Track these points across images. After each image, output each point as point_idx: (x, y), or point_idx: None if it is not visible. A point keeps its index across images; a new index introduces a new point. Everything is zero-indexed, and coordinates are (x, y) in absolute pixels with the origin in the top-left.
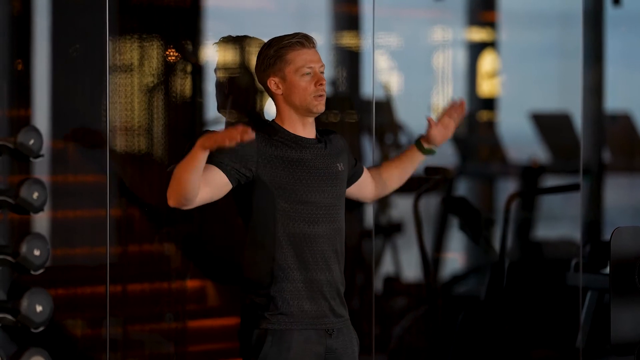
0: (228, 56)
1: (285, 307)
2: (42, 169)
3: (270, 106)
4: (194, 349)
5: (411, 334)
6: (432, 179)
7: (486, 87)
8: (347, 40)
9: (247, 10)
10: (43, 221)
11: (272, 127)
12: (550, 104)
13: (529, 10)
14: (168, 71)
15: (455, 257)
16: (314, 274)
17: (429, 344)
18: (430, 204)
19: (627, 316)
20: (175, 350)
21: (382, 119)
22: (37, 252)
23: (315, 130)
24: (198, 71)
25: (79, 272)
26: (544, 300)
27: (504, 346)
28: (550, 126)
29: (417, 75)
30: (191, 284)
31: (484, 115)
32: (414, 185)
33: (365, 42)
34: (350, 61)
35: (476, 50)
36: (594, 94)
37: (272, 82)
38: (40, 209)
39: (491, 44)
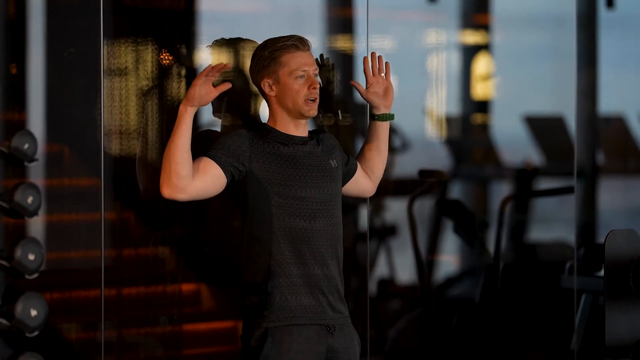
0: (222, 59)
1: (283, 302)
2: (36, 173)
3: (265, 109)
4: (188, 353)
5: (406, 337)
6: (427, 182)
7: (480, 90)
8: (341, 43)
9: (241, 13)
10: (38, 225)
11: (265, 129)
12: (544, 106)
13: (523, 13)
14: (162, 74)
15: (450, 259)
16: (311, 269)
17: (423, 346)
18: (425, 206)
19: (621, 319)
20: (170, 353)
21: None
22: (31, 257)
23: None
24: (192, 74)
25: (73, 276)
26: (538, 302)
27: (498, 349)
28: (544, 129)
29: (411, 78)
30: (186, 287)
31: (478, 118)
32: (408, 188)
33: (359, 45)
34: (345, 64)
35: (470, 53)
36: (587, 97)
37: (266, 83)
38: (35, 213)
39: (485, 47)
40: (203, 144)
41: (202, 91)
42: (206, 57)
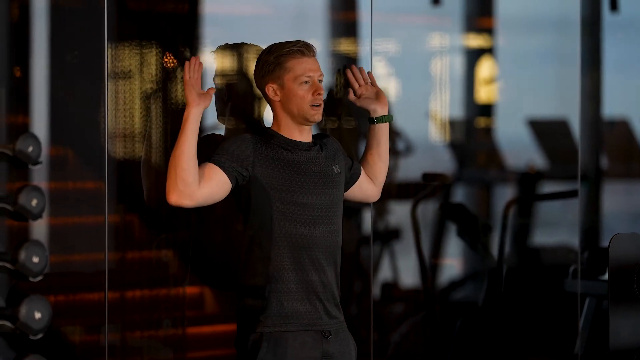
0: (226, 63)
1: (279, 308)
2: (40, 176)
3: (269, 113)
4: (192, 356)
5: (409, 340)
6: (430, 186)
7: (484, 93)
8: (345, 46)
9: (244, 16)
10: (42, 228)
11: (269, 133)
12: (548, 110)
13: (527, 17)
14: (166, 77)
15: (453, 263)
16: (309, 275)
17: (426, 350)
18: (428, 210)
19: (625, 323)
20: (173, 356)
21: None
22: (35, 259)
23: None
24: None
25: (77, 279)
26: (542, 306)
27: (502, 352)
28: (547, 132)
29: (415, 81)
30: (189, 290)
31: (481, 122)
32: (412, 191)
33: (362, 49)
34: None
35: (474, 56)
36: (591, 100)
37: (270, 88)
38: (39, 215)
39: (489, 50)
40: (207, 148)
41: (196, 90)
42: (210, 61)
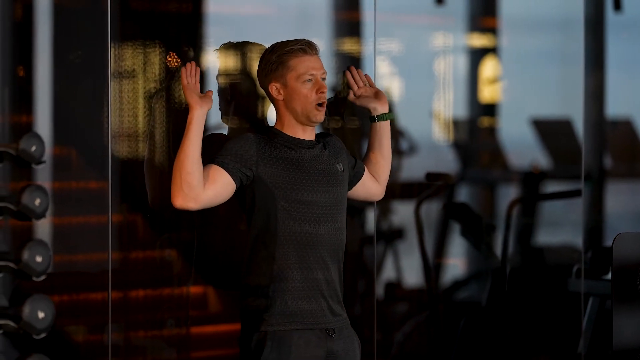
0: (229, 62)
1: (283, 307)
2: (44, 176)
3: (272, 112)
4: (196, 355)
5: (413, 340)
6: (434, 185)
7: (487, 93)
8: (348, 46)
9: (248, 16)
10: (45, 227)
11: (272, 132)
12: (552, 109)
13: (530, 16)
14: (170, 77)
15: (457, 262)
16: (314, 274)
17: (430, 349)
18: (432, 209)
19: (629, 322)
20: (177, 356)
21: None
22: (39, 259)
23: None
24: (200, 77)
25: (81, 279)
26: (545, 306)
27: (505, 352)
28: (551, 132)
29: (418, 81)
30: (193, 289)
31: (485, 121)
32: (415, 191)
33: (366, 48)
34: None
35: (477, 56)
36: (595, 100)
37: (274, 87)
38: (42, 215)
39: (492, 50)
40: (210, 148)
41: (196, 92)
42: (213, 60)
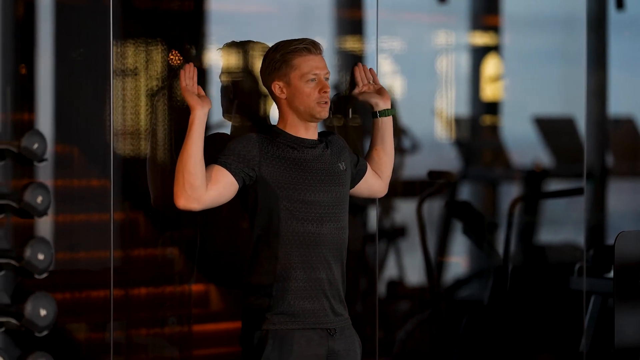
0: (232, 61)
1: (286, 307)
2: (46, 173)
3: (275, 111)
4: (197, 353)
5: (415, 338)
6: (436, 183)
7: (489, 92)
8: (351, 44)
9: (250, 14)
10: (47, 225)
11: (274, 131)
12: (554, 108)
13: (533, 15)
14: (172, 75)
15: (459, 261)
16: (317, 273)
17: (432, 348)
18: (434, 208)
19: (631, 320)
20: (179, 354)
21: None
22: (41, 256)
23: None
24: (202, 75)
25: (82, 276)
26: (547, 304)
27: (507, 350)
28: (553, 130)
29: (421, 79)
30: (195, 287)
31: (487, 120)
32: (418, 189)
33: (368, 46)
34: (354, 65)
35: (480, 54)
36: (597, 98)
37: (277, 86)
38: (44, 213)
39: (495, 48)
40: (212, 148)
41: (195, 93)
42: (215, 58)
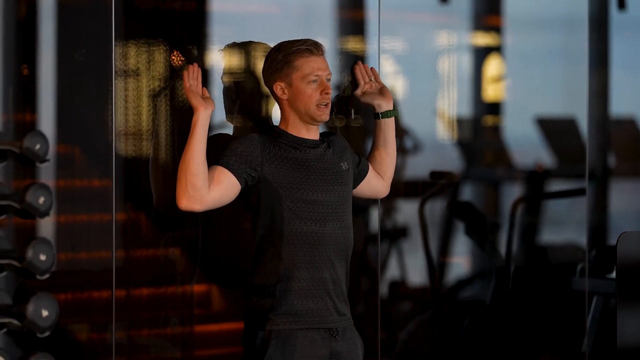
0: (234, 61)
1: (289, 307)
2: (47, 174)
3: (277, 111)
4: (199, 354)
5: (417, 339)
6: (438, 184)
7: (491, 92)
8: (353, 44)
9: (252, 14)
10: (49, 226)
11: (276, 132)
12: (556, 108)
13: (535, 15)
14: (174, 75)
15: (461, 261)
16: (320, 273)
17: (434, 348)
18: (436, 208)
19: (633, 321)
20: (181, 354)
21: None
22: (42, 257)
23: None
24: (204, 75)
25: (84, 277)
26: (549, 305)
27: (509, 351)
28: (555, 131)
29: (423, 79)
30: (197, 288)
31: (489, 120)
32: (419, 189)
33: (370, 47)
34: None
35: (481, 54)
36: (599, 98)
37: (279, 86)
38: (46, 213)
39: (496, 49)
40: (215, 148)
41: (198, 94)
42: (217, 59)
